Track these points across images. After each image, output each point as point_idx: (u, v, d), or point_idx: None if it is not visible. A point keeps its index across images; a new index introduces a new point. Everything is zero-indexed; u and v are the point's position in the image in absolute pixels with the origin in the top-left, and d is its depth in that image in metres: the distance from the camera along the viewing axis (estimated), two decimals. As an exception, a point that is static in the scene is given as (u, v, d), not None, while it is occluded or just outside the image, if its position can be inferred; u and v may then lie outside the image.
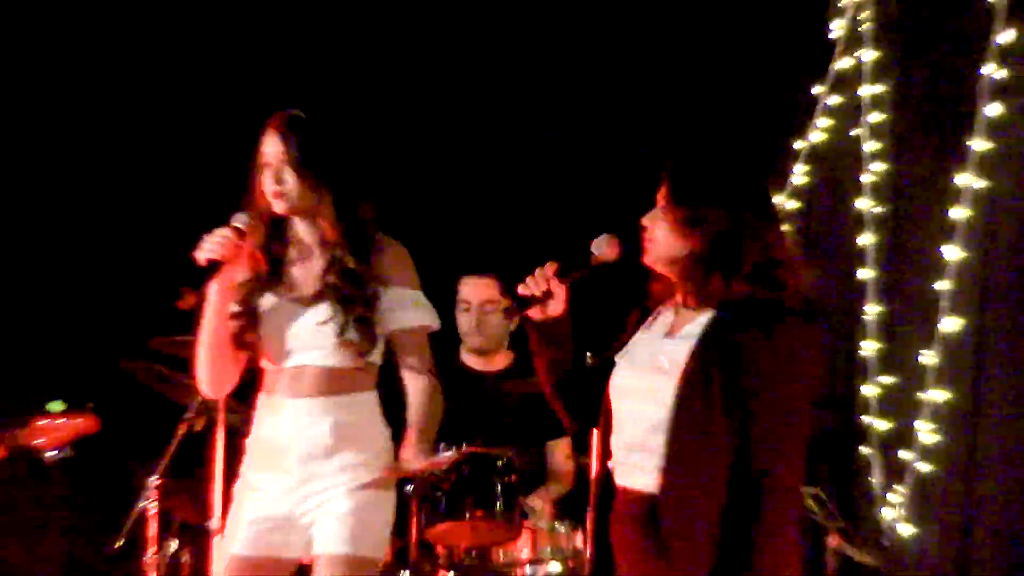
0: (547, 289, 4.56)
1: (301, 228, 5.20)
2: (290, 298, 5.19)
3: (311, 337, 5.15)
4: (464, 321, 7.63)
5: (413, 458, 5.22)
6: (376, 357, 5.23)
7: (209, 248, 4.97)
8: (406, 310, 5.22)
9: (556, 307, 4.57)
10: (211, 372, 5.23)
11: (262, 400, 5.29)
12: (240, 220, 5.05)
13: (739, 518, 4.13)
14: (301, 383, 5.17)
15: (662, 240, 4.39)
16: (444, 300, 7.45)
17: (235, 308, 5.18)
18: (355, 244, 5.14)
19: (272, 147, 5.10)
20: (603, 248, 4.51)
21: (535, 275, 4.57)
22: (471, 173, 8.81)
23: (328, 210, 5.15)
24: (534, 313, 4.57)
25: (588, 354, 4.80)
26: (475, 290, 7.62)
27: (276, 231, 5.21)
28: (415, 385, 5.25)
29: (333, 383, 5.18)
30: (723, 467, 4.15)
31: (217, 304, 5.13)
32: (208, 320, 5.15)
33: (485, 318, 7.58)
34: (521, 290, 4.55)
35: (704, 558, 4.16)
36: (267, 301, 5.19)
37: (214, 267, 5.00)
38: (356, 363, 5.17)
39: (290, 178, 5.07)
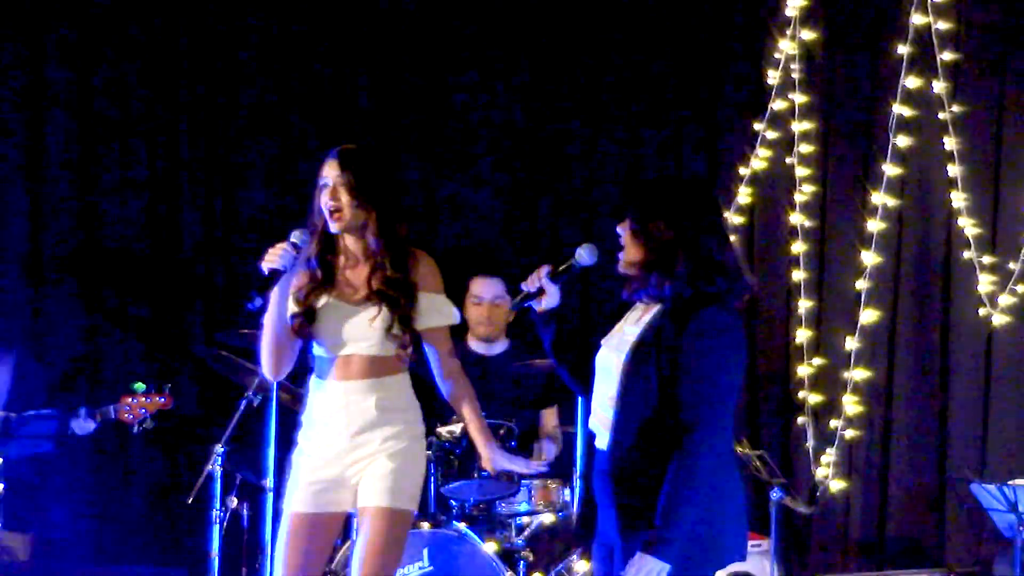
0: (540, 287, 4.92)
1: (350, 241, 5.40)
2: (342, 299, 5.41)
3: (361, 331, 5.38)
4: (476, 313, 7.79)
5: (512, 463, 5.73)
6: (410, 348, 5.46)
7: (271, 259, 5.23)
8: (437, 311, 5.48)
9: (550, 301, 4.95)
10: (272, 359, 5.45)
11: (315, 383, 5.50)
12: (296, 236, 5.30)
13: (666, 464, 4.48)
14: (350, 369, 5.40)
15: (625, 248, 4.72)
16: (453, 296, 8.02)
17: (294, 308, 5.39)
18: (395, 256, 5.39)
19: (332, 171, 5.34)
20: (584, 255, 4.91)
21: (532, 276, 4.94)
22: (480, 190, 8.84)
23: (374, 227, 5.37)
24: (534, 304, 4.95)
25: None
26: (486, 288, 7.77)
27: (328, 244, 5.42)
28: (459, 382, 5.61)
29: (376, 368, 5.41)
30: (657, 424, 4.55)
31: (278, 305, 5.35)
32: (270, 317, 5.36)
33: (494, 311, 7.75)
34: (523, 286, 4.94)
35: (642, 502, 4.52)
36: (322, 302, 5.41)
37: (275, 274, 5.23)
38: (396, 353, 5.41)
39: (344, 198, 5.32)
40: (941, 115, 7.68)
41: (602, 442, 4.75)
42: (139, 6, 8.48)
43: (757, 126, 8.28)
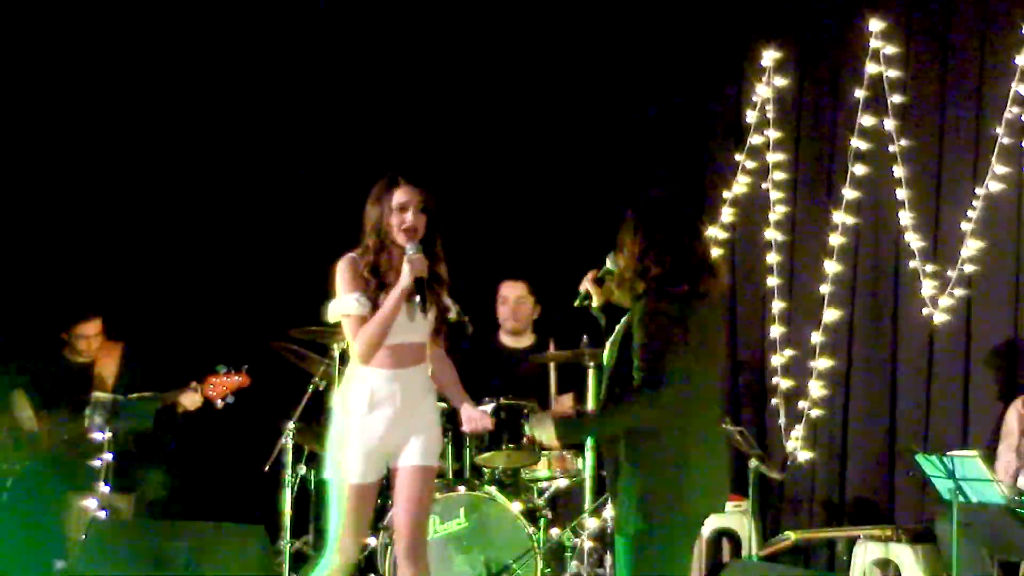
0: (587, 290, 5.19)
1: (398, 251, 5.22)
2: None
3: (413, 325, 5.22)
4: (503, 311, 7.89)
5: (480, 423, 5.50)
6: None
7: (422, 270, 5.12)
8: (454, 307, 5.43)
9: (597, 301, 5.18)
10: (377, 349, 5.18)
11: (367, 370, 5.20)
12: (415, 248, 5.15)
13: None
14: (403, 356, 5.22)
15: None
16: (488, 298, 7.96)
17: (369, 304, 5.18)
18: (438, 262, 5.33)
19: (410, 195, 5.18)
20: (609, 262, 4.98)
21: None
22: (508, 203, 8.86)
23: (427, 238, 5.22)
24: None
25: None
26: (511, 290, 7.87)
27: (387, 254, 5.22)
28: (446, 359, 5.50)
29: (420, 355, 5.32)
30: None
31: (396, 305, 5.15)
32: (388, 316, 5.13)
33: (518, 309, 7.85)
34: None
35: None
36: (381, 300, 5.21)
37: (421, 281, 5.12)
38: (430, 341, 5.35)
39: (421, 218, 5.18)
40: (891, 148, 7.72)
41: None
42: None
43: (738, 157, 8.31)
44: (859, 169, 7.85)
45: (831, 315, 7.92)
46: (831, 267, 7.91)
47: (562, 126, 8.84)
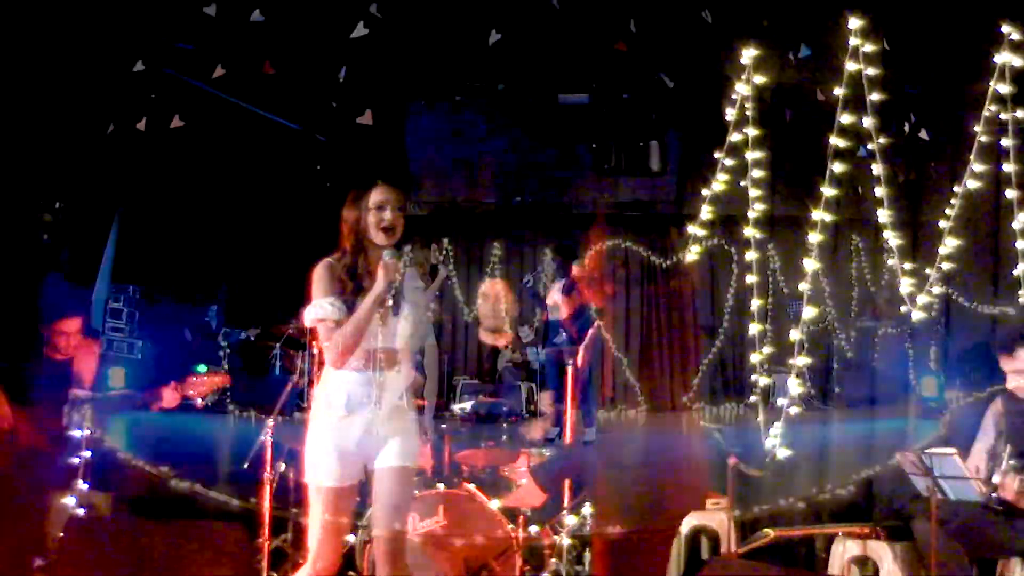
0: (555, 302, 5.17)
1: (375, 254, 5.18)
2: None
3: (391, 328, 5.19)
4: (482, 309, 7.84)
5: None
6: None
7: (394, 274, 5.07)
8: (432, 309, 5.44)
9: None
10: (350, 354, 5.15)
11: (343, 373, 5.17)
12: (393, 254, 5.10)
13: None
14: (380, 360, 5.17)
15: None
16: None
17: (344, 308, 5.14)
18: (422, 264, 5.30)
19: (388, 194, 5.16)
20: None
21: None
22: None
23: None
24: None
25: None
26: (489, 288, 7.85)
27: (364, 257, 5.18)
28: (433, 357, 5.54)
29: (397, 358, 5.25)
30: None
31: (371, 310, 5.11)
32: (362, 321, 5.09)
33: (496, 307, 7.77)
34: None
35: None
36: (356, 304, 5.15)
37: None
38: (404, 344, 5.28)
39: (400, 218, 5.16)
40: (870, 146, 7.64)
41: None
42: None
43: (718, 155, 8.19)
44: (838, 167, 7.68)
45: (809, 313, 7.73)
46: (810, 265, 7.72)
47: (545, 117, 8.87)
